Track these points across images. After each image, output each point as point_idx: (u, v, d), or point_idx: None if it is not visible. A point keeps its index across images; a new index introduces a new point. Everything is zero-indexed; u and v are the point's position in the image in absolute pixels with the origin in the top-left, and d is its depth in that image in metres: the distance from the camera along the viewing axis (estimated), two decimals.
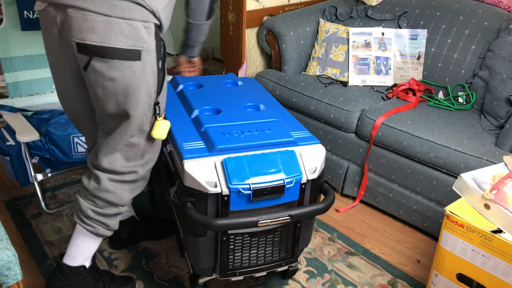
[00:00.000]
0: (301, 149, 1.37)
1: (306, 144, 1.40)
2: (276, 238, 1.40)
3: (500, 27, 2.13)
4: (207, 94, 1.66)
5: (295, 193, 1.34)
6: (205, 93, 1.67)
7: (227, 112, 1.51)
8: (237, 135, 1.38)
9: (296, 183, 1.32)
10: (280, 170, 1.30)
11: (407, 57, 2.35)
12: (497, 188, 1.30)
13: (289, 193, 1.33)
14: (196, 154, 1.31)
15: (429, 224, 1.92)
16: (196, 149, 1.33)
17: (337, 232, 1.97)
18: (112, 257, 1.76)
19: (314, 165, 1.36)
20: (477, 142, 1.79)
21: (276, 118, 1.49)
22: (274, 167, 1.30)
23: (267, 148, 1.35)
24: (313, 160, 1.37)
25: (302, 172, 1.33)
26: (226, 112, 1.51)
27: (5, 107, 2.01)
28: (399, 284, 1.71)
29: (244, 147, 1.34)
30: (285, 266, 1.48)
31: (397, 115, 1.99)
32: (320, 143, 1.42)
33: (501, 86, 1.92)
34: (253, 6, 2.56)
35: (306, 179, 1.34)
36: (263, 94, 1.76)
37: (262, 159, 1.31)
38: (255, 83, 1.88)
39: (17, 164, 1.92)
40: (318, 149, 1.40)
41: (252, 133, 1.40)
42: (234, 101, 1.60)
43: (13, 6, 1.97)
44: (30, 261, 1.74)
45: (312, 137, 1.45)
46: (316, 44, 2.51)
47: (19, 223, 1.95)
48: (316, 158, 1.37)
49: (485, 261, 1.26)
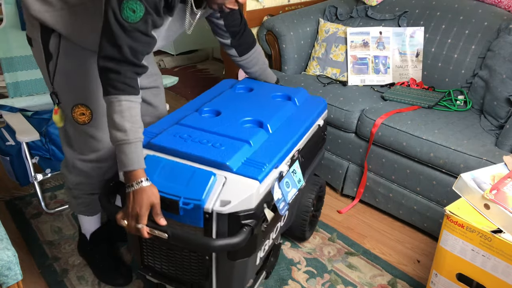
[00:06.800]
0: (231, 177, 1.20)
1: (242, 175, 1.20)
2: (184, 257, 1.29)
3: (500, 27, 2.13)
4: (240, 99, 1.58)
5: (198, 220, 1.18)
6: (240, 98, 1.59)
7: (219, 120, 1.43)
8: (184, 140, 1.30)
9: (197, 208, 1.16)
10: (185, 187, 1.18)
11: (406, 55, 2.35)
12: (497, 188, 1.30)
13: (190, 217, 1.18)
14: None
15: (429, 224, 1.92)
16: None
17: (337, 232, 1.97)
18: None
19: (230, 199, 1.15)
20: (477, 142, 1.79)
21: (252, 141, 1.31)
22: (181, 181, 1.19)
23: (198, 163, 1.24)
24: (233, 194, 1.16)
25: (207, 199, 1.16)
26: (217, 120, 1.42)
27: (5, 107, 2.01)
28: (399, 284, 1.71)
29: (176, 152, 1.27)
30: None
31: (397, 115, 1.99)
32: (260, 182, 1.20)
33: (501, 86, 1.92)
34: (253, 6, 2.56)
35: (211, 209, 1.15)
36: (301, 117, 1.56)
37: (177, 169, 1.21)
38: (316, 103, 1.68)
39: (17, 164, 1.92)
40: (251, 186, 1.18)
41: (202, 143, 1.28)
42: (250, 112, 1.48)
43: (13, 6, 1.97)
44: (30, 261, 1.74)
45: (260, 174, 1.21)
46: (316, 44, 2.51)
47: (19, 223, 1.95)
48: (239, 192, 1.17)
49: (485, 261, 1.26)
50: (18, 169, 1.94)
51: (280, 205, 1.30)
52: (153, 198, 1.15)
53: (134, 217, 1.16)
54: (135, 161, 1.15)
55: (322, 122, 1.69)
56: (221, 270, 1.26)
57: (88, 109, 1.41)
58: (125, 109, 1.15)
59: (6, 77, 2.05)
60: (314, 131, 1.62)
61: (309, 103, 1.67)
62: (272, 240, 1.47)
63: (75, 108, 1.40)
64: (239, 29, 1.58)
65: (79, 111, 1.41)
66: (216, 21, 1.53)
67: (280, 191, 1.31)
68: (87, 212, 1.63)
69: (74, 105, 1.40)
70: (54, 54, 1.34)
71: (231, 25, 1.55)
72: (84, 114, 1.41)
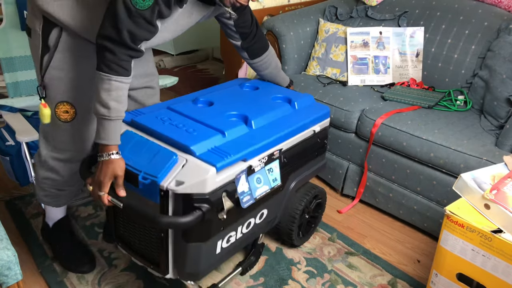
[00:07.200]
0: (192, 160, 1.25)
1: (202, 160, 1.25)
2: (145, 232, 1.38)
3: (500, 27, 2.13)
4: (239, 96, 1.64)
5: (154, 195, 1.25)
6: (240, 95, 1.65)
7: (207, 110, 1.49)
8: (163, 122, 1.39)
9: (154, 184, 1.23)
10: (148, 164, 1.26)
11: (406, 55, 2.35)
12: (497, 188, 1.30)
13: (149, 192, 1.26)
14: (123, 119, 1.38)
15: (429, 224, 1.92)
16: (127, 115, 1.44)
17: (337, 232, 1.97)
18: (112, 257, 1.76)
19: (185, 180, 1.21)
20: (477, 142, 1.79)
21: (227, 132, 1.35)
22: (146, 157, 1.28)
23: (168, 144, 1.32)
24: (189, 175, 1.22)
25: (164, 177, 1.22)
26: (205, 110, 1.49)
27: (5, 107, 2.01)
28: (399, 284, 1.71)
29: (151, 131, 1.36)
30: (155, 271, 1.41)
31: (397, 115, 1.99)
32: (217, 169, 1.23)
33: (501, 86, 1.92)
34: (253, 6, 2.56)
35: (166, 187, 1.21)
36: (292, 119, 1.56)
37: (146, 146, 1.31)
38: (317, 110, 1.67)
39: (17, 164, 1.92)
40: (206, 171, 1.22)
41: (178, 127, 1.36)
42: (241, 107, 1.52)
43: (13, 6, 1.97)
44: (30, 261, 1.74)
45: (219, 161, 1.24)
46: (316, 44, 2.51)
47: (19, 223, 1.95)
48: (194, 175, 1.21)
49: (485, 261, 1.26)
50: (18, 169, 1.93)
51: (243, 198, 1.34)
52: (118, 170, 1.24)
53: (97, 184, 1.25)
54: (112, 137, 1.23)
55: (319, 129, 1.66)
56: (176, 249, 1.32)
57: (72, 108, 1.43)
58: (113, 88, 1.20)
59: (6, 77, 2.05)
60: (307, 135, 1.61)
61: (310, 109, 1.66)
62: (242, 234, 1.47)
63: (60, 104, 1.42)
64: (249, 30, 1.58)
65: (64, 108, 1.42)
66: (226, 21, 1.53)
67: (247, 184, 1.35)
68: (53, 204, 1.66)
69: (60, 102, 1.41)
70: (52, 47, 1.35)
71: (241, 26, 1.55)
72: (67, 112, 1.43)
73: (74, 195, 1.69)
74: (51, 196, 1.63)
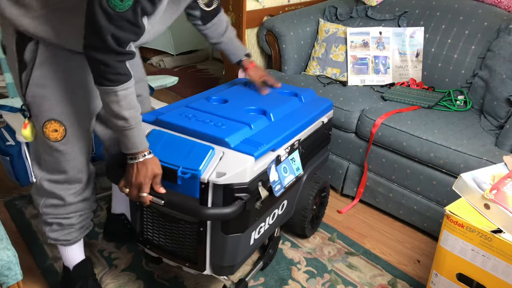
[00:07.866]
0: (228, 152, 1.28)
1: (238, 151, 1.28)
2: (180, 229, 1.36)
3: (500, 27, 2.13)
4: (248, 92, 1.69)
5: (194, 189, 1.26)
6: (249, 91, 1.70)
7: (225, 106, 1.53)
8: (189, 118, 1.41)
9: (194, 178, 1.24)
10: (184, 159, 1.26)
11: (406, 56, 2.35)
12: (497, 188, 1.30)
13: (187, 187, 1.26)
14: (145, 119, 1.44)
15: (429, 224, 1.92)
16: (149, 116, 1.46)
17: (337, 232, 1.97)
18: (112, 257, 1.76)
19: (225, 171, 1.23)
20: (477, 142, 1.79)
21: (253, 124, 1.40)
22: (181, 153, 1.28)
23: (199, 139, 1.33)
24: (229, 167, 1.24)
25: (204, 170, 1.24)
26: (223, 106, 1.53)
27: (5, 107, 2.01)
28: (399, 284, 1.71)
29: (179, 128, 1.37)
30: (191, 269, 1.40)
31: (397, 115, 1.99)
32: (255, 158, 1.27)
33: (501, 86, 1.92)
34: (253, 6, 2.56)
35: (207, 179, 1.23)
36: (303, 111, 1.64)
37: (179, 142, 1.32)
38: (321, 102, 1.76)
39: (17, 164, 1.92)
40: (245, 161, 1.25)
41: (205, 122, 1.38)
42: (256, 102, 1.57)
43: None
44: (30, 261, 1.74)
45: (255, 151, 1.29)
46: (316, 44, 2.51)
47: (19, 223, 1.95)
48: (234, 165, 1.24)
49: (485, 261, 1.26)
50: (18, 169, 1.93)
51: (275, 187, 1.37)
52: (156, 169, 1.22)
53: (137, 186, 1.23)
54: (138, 144, 1.21)
55: (326, 120, 1.76)
56: (214, 242, 1.33)
57: (62, 126, 1.30)
58: (121, 98, 1.15)
59: (6, 77, 2.05)
60: (317, 126, 1.69)
61: (315, 102, 1.75)
62: (269, 225, 1.51)
63: (48, 123, 1.29)
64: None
65: (52, 127, 1.29)
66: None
67: (276, 173, 1.39)
68: (63, 240, 1.47)
69: (47, 120, 1.28)
70: (29, 63, 1.23)
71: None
72: (57, 131, 1.30)
73: (86, 228, 1.50)
74: (58, 231, 1.45)
